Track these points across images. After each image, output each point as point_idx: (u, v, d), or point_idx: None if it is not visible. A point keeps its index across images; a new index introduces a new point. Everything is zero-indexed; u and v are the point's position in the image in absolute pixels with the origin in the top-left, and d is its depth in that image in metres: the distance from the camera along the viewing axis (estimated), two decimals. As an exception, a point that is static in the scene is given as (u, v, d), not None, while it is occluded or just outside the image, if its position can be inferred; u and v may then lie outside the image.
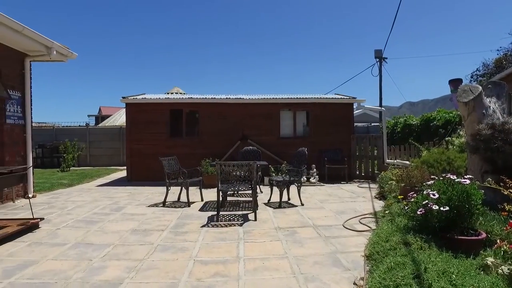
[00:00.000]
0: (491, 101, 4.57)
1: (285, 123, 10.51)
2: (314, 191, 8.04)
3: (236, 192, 6.97)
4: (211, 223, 4.99)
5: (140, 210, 5.97)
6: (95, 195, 7.64)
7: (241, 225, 4.90)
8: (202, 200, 6.77)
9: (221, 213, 5.51)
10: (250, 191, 5.62)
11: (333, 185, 8.93)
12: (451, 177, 3.38)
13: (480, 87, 4.49)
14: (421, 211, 3.30)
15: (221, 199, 5.57)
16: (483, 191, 3.31)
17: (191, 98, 10.64)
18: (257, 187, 6.66)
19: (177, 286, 2.90)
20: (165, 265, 3.37)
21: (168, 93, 14.84)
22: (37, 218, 4.84)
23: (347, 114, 10.56)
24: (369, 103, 10.69)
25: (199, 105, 10.36)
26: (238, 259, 3.53)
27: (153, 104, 10.18)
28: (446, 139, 7.83)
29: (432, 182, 3.61)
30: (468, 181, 3.25)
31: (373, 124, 19.54)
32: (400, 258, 2.82)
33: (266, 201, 6.63)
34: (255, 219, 5.15)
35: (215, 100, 10.34)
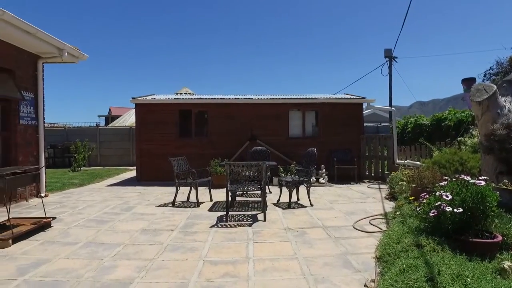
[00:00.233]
0: (506, 100, 4.47)
1: (294, 123, 10.47)
2: (323, 191, 7.99)
3: (245, 192, 6.96)
4: (220, 223, 4.99)
5: (149, 210, 6.01)
6: (106, 194, 7.72)
7: (250, 225, 4.89)
8: (211, 200, 6.79)
9: (230, 213, 5.51)
10: (259, 192, 5.61)
11: (342, 186, 8.86)
12: (465, 178, 3.31)
13: (494, 86, 4.40)
14: (434, 212, 3.24)
15: (230, 199, 5.57)
16: (498, 192, 3.24)
17: (200, 98, 10.68)
18: (266, 187, 6.64)
19: (187, 286, 2.90)
20: (174, 265, 3.38)
21: (177, 94, 14.92)
22: (49, 217, 4.91)
23: (357, 114, 10.47)
24: (378, 103, 10.60)
25: (208, 105, 10.38)
26: (247, 259, 3.52)
27: (163, 104, 10.25)
28: (458, 139, 7.69)
29: (445, 183, 3.55)
30: (483, 183, 3.18)
31: (382, 124, 19.35)
32: (412, 260, 2.77)
33: (275, 201, 6.61)
34: (264, 220, 5.14)
35: (224, 100, 10.36)
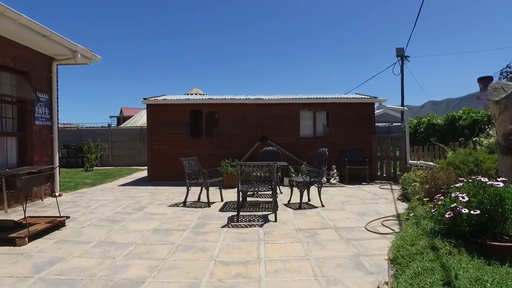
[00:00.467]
0: (524, 100, 4.34)
1: (305, 123, 10.42)
2: (334, 192, 7.92)
3: (256, 192, 6.95)
4: (231, 224, 4.99)
5: (161, 209, 6.05)
6: (117, 194, 7.81)
7: (261, 226, 4.87)
8: (222, 200, 6.79)
9: (241, 213, 5.50)
10: (269, 192, 5.59)
11: (353, 186, 8.77)
12: (482, 180, 3.23)
13: (512, 85, 4.28)
14: (450, 214, 3.16)
15: (241, 200, 5.57)
16: (517, 194, 3.15)
17: (211, 98, 10.71)
18: (277, 188, 6.62)
19: (198, 286, 2.91)
20: (186, 265, 3.39)
21: (187, 94, 15.01)
22: (63, 216, 4.98)
23: (368, 114, 10.36)
24: (390, 103, 10.46)
25: (219, 105, 10.41)
26: (259, 260, 3.51)
27: (174, 105, 10.32)
28: (473, 139, 7.52)
29: (460, 184, 3.47)
30: (501, 184, 3.10)
31: (394, 124, 19.10)
32: (427, 263, 2.70)
33: (286, 202, 6.58)
34: (275, 220, 5.12)
35: (235, 100, 10.37)
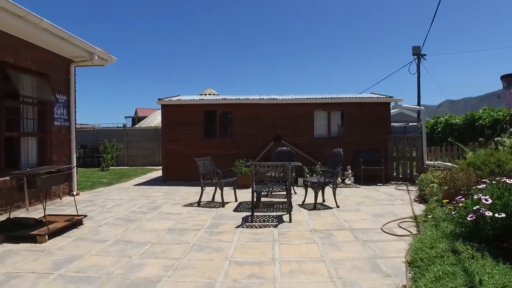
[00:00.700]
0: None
1: (319, 123, 10.33)
2: (349, 193, 7.83)
3: (270, 193, 6.93)
4: (246, 224, 4.99)
5: (175, 209, 6.10)
6: (133, 194, 7.92)
7: (275, 226, 4.85)
8: (236, 200, 6.80)
9: (255, 214, 5.49)
10: (284, 192, 5.56)
11: (369, 187, 8.64)
12: (507, 181, 3.11)
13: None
14: (472, 217, 3.06)
15: (255, 200, 5.55)
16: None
17: (225, 99, 10.75)
18: (291, 188, 6.58)
19: (213, 286, 2.91)
20: (201, 264, 3.40)
21: (201, 94, 15.11)
22: (81, 215, 5.08)
23: (384, 113, 10.20)
24: (405, 102, 10.20)
25: (233, 105, 10.43)
26: (273, 261, 3.49)
27: (188, 105, 10.40)
28: (495, 139, 7.29)
29: (483, 186, 3.35)
30: (527, 186, 2.99)
31: (410, 124, 18.73)
32: (449, 267, 2.61)
33: (300, 202, 6.53)
34: (290, 221, 5.08)
35: (248, 100, 10.37)
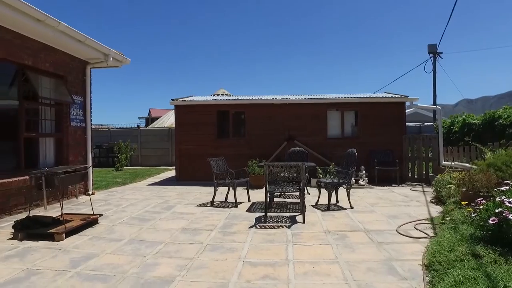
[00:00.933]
0: None
1: (333, 123, 10.24)
2: (363, 193, 7.72)
3: (283, 193, 6.90)
4: (259, 224, 4.97)
5: (189, 209, 6.14)
6: (147, 193, 8.01)
7: (289, 227, 4.82)
8: (249, 200, 6.79)
9: (268, 214, 5.48)
10: (297, 193, 5.52)
11: (383, 188, 8.51)
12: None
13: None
14: (494, 220, 2.96)
15: (268, 200, 5.53)
16: None
17: (237, 99, 10.77)
18: (305, 188, 6.54)
19: (227, 286, 2.90)
20: (214, 265, 3.40)
21: (214, 95, 15.18)
22: (96, 214, 5.17)
23: (399, 113, 10.03)
24: (421, 102, 10.00)
25: (245, 106, 10.43)
26: (287, 262, 3.46)
27: (201, 105, 10.46)
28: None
29: (506, 187, 3.24)
30: (553, 188, 2.87)
31: (426, 123, 18.37)
32: (470, 271, 2.53)
33: (313, 203, 6.48)
34: (303, 222, 5.04)
35: (261, 101, 10.36)
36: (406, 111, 10.40)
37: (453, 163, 8.35)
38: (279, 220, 5.23)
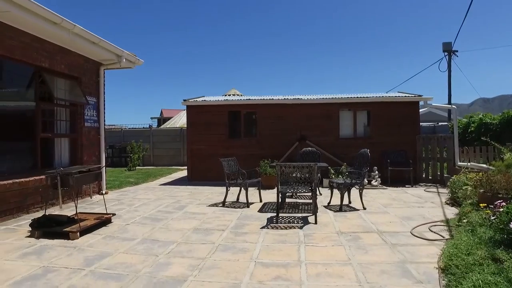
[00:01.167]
0: None
1: (345, 124, 10.14)
2: (376, 194, 7.62)
3: (295, 194, 6.87)
4: (271, 225, 4.95)
5: (201, 209, 6.16)
6: (159, 193, 8.08)
7: (301, 227, 4.78)
8: (260, 201, 6.78)
9: (280, 214, 5.45)
10: (309, 193, 5.48)
11: (396, 189, 8.38)
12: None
13: None
14: (514, 222, 2.88)
15: (280, 201, 5.51)
16: None
17: (249, 99, 10.77)
18: (317, 189, 6.49)
19: (239, 287, 2.89)
20: (226, 265, 3.40)
21: (225, 95, 15.23)
22: (110, 213, 5.23)
23: (412, 113, 9.86)
24: (435, 101, 9.82)
25: (257, 106, 10.43)
26: (299, 263, 3.43)
27: (212, 106, 10.49)
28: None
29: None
30: None
31: (440, 123, 18.01)
32: (490, 276, 2.45)
33: (325, 203, 6.42)
34: (315, 222, 5.00)
35: (273, 101, 10.34)
36: (419, 110, 10.23)
37: (469, 164, 8.17)
38: (291, 220, 5.20)
